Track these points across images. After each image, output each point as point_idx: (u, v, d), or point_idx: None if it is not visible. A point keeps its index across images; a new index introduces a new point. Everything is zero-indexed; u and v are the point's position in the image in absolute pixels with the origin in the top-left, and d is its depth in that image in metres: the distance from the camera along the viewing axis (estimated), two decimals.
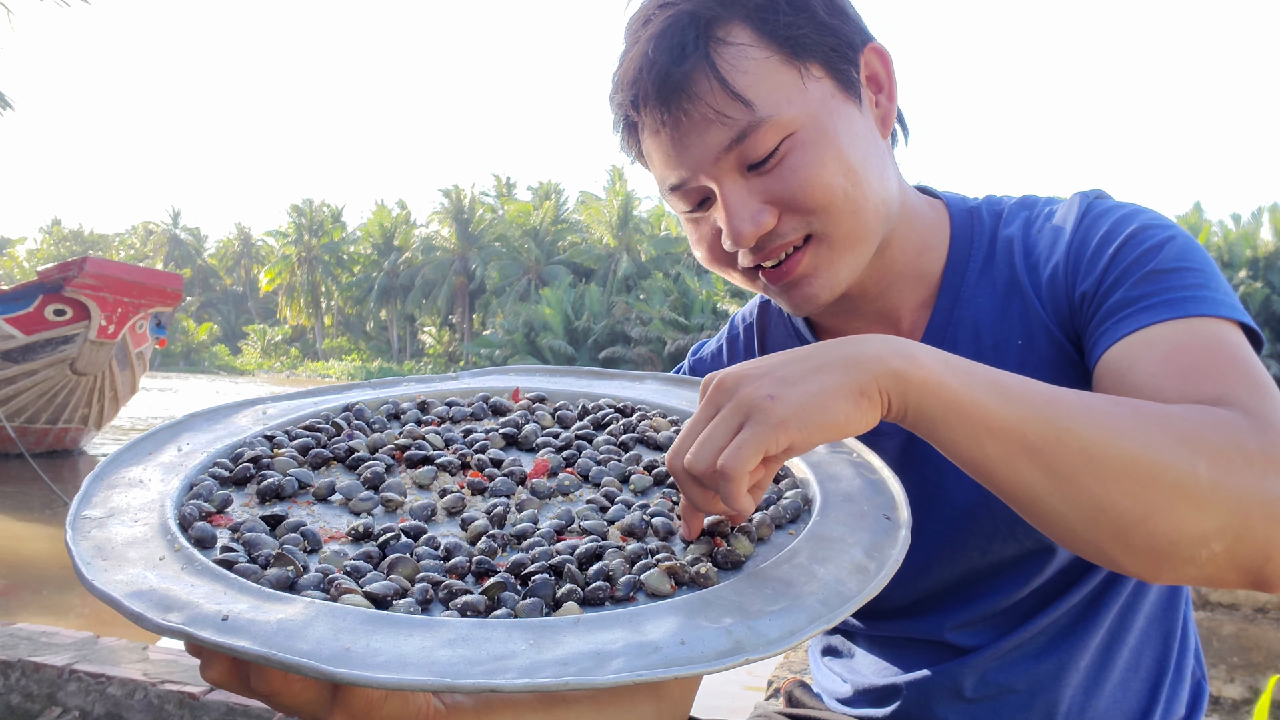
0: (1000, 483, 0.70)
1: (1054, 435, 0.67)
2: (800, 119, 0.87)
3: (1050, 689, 0.96)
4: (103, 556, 0.65)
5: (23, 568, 6.16)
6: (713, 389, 0.68)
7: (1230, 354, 0.78)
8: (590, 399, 0.99)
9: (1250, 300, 30.15)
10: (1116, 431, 0.67)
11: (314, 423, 0.91)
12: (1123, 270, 0.88)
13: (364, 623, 0.58)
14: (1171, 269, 0.86)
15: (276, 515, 0.72)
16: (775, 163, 0.88)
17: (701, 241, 0.96)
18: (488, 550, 0.69)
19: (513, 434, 0.90)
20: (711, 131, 0.87)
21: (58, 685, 2.45)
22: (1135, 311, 0.84)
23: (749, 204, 0.89)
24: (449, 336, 53.64)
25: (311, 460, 0.84)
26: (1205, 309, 0.82)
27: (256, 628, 0.56)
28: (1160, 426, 0.67)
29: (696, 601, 0.62)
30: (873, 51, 0.95)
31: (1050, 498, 0.68)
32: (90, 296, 10.00)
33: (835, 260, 0.92)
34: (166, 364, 60.05)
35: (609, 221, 45.15)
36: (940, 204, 1.04)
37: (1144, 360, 0.81)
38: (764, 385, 0.66)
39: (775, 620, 0.59)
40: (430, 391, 1.02)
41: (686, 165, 0.90)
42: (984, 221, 1.01)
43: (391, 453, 0.85)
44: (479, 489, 0.80)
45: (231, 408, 0.95)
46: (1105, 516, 0.66)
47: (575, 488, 0.81)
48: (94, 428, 11.78)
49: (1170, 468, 0.66)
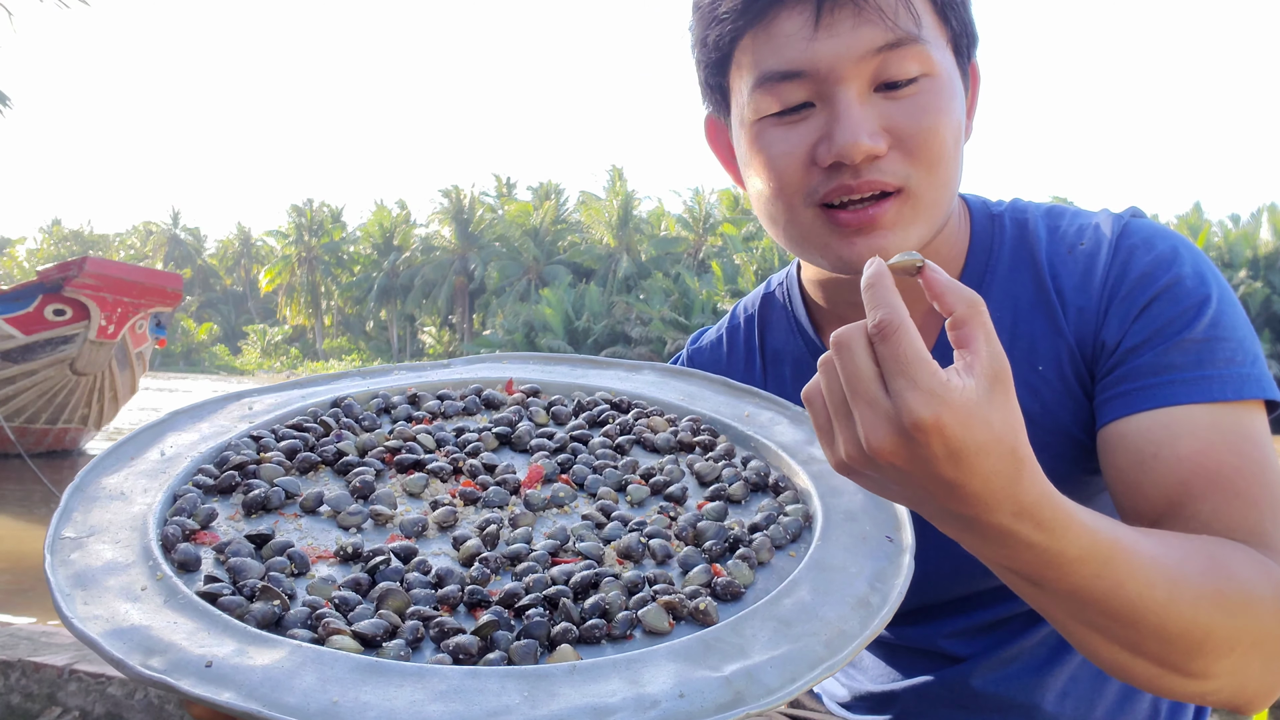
0: (1052, 619, 0.73)
1: (1127, 611, 0.67)
2: (941, 68, 0.86)
3: (1051, 700, 0.95)
4: (82, 587, 0.63)
5: (24, 567, 6.17)
6: None
7: (1258, 468, 0.80)
8: (586, 392, 0.97)
9: (1250, 300, 30.16)
10: (1176, 605, 0.68)
11: (301, 421, 0.88)
12: (1155, 331, 0.86)
13: (353, 671, 0.56)
14: (1205, 339, 0.84)
15: (263, 534, 0.70)
16: (907, 94, 0.84)
17: (784, 156, 0.87)
18: (480, 577, 0.67)
19: (506, 433, 0.88)
20: (868, 28, 0.82)
21: (58, 685, 2.45)
22: (1162, 385, 0.83)
23: (870, 118, 0.83)
24: (449, 336, 53.60)
25: (299, 465, 0.81)
26: (1232, 392, 0.82)
27: (241, 676, 0.54)
28: (1210, 600, 0.69)
29: (696, 645, 0.60)
30: (972, 68, 0.94)
31: (1089, 643, 0.72)
32: (90, 296, 10.00)
33: (916, 221, 0.87)
34: (166, 364, 60.00)
35: (609, 221, 45.10)
36: (963, 206, 1.01)
37: (1168, 453, 0.81)
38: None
39: (777, 668, 0.58)
40: (422, 383, 0.99)
41: (823, 54, 0.83)
42: (1005, 230, 0.98)
43: (381, 455, 0.83)
44: (471, 499, 0.78)
45: (216, 403, 0.92)
46: (1129, 668, 0.71)
47: (570, 499, 0.79)
48: (94, 428, 11.78)
49: (1211, 642, 0.69)
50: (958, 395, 0.56)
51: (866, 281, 0.60)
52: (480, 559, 0.68)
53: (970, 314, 0.59)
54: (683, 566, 0.70)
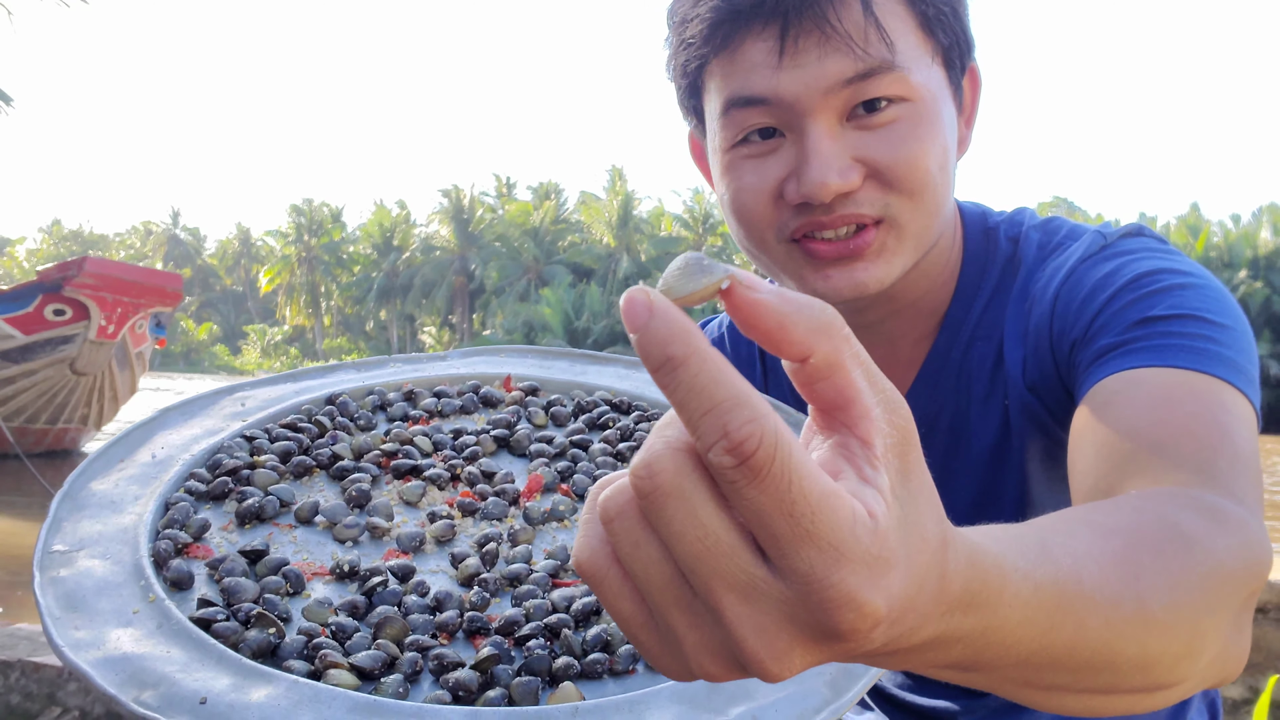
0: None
1: (1100, 653, 0.48)
2: (921, 91, 0.81)
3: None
4: (72, 609, 0.62)
5: (22, 568, 6.17)
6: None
7: (1212, 414, 0.68)
8: (585, 391, 0.95)
9: (1250, 300, 30.10)
10: (1148, 612, 0.50)
11: (296, 420, 0.86)
12: (1114, 314, 0.79)
13: (350, 712, 0.54)
14: (1175, 315, 0.76)
15: (257, 550, 0.69)
16: (882, 122, 0.80)
17: (752, 190, 0.84)
18: (479, 603, 0.66)
19: (504, 436, 0.86)
20: (837, 58, 0.78)
21: (58, 685, 2.45)
22: (1119, 355, 0.76)
23: (840, 154, 0.79)
24: (449, 336, 53.57)
25: (294, 469, 0.79)
26: (1195, 363, 0.72)
27: (236, 715, 0.53)
28: (1179, 585, 0.52)
29: (701, 686, 0.58)
30: (970, 73, 0.90)
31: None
32: (90, 296, 9.98)
33: (901, 251, 0.83)
34: (166, 364, 59.99)
35: (609, 221, 45.11)
36: (958, 219, 0.96)
37: (1124, 399, 0.72)
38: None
39: (782, 711, 0.56)
40: (418, 377, 0.96)
41: (788, 86, 0.79)
42: (999, 248, 0.94)
43: (378, 459, 0.81)
44: (470, 510, 0.77)
45: (208, 398, 0.89)
46: (1105, 708, 0.52)
47: (570, 512, 0.78)
48: (93, 428, 11.76)
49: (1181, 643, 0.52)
50: (892, 537, 0.32)
51: (645, 347, 0.32)
52: (479, 580, 0.68)
53: (836, 351, 0.33)
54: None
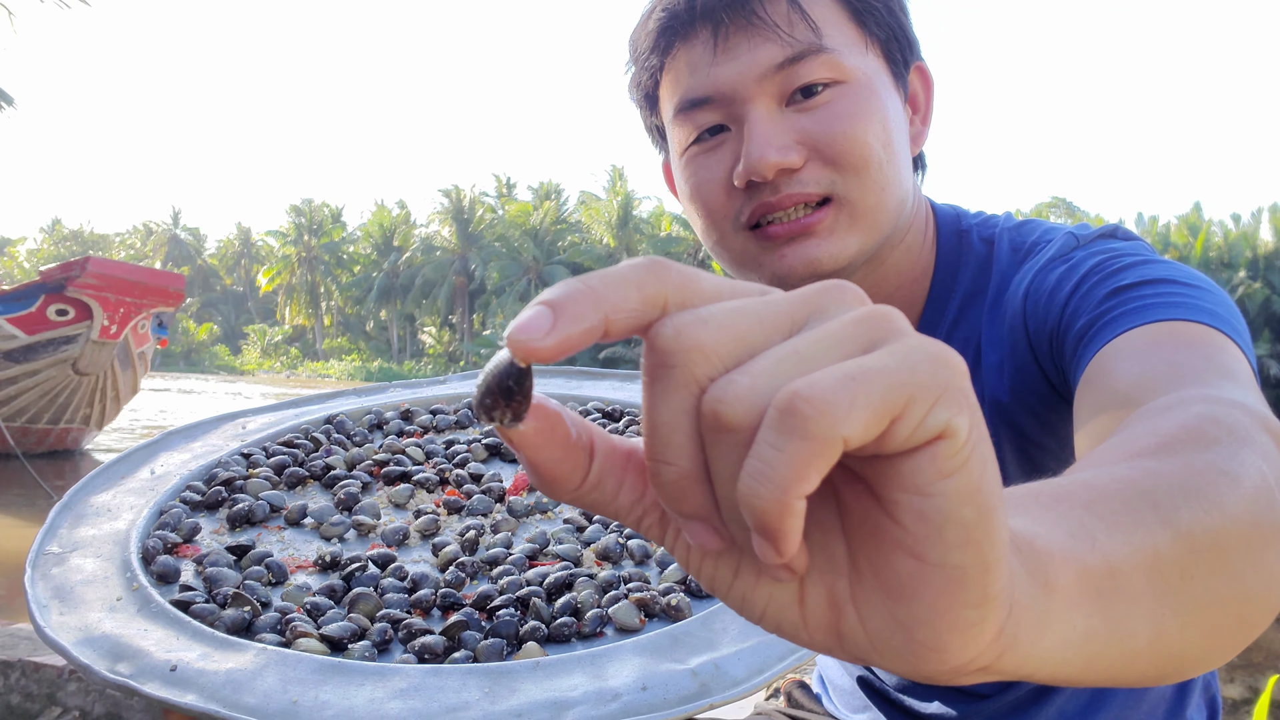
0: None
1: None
2: (856, 74, 0.83)
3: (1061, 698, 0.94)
4: (59, 599, 0.63)
5: (21, 567, 6.17)
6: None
7: (1221, 364, 0.64)
8: (579, 402, 0.98)
9: (1250, 300, 30.10)
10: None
11: (292, 438, 0.88)
12: (1083, 296, 0.78)
13: (314, 672, 0.55)
14: (1145, 280, 0.74)
15: (243, 545, 0.70)
16: (818, 104, 0.83)
17: (707, 184, 0.86)
18: (455, 581, 0.66)
19: (495, 444, 0.88)
20: (766, 46, 0.82)
21: (58, 685, 2.45)
22: (1100, 327, 0.73)
23: (780, 133, 0.82)
24: (449, 336, 53.59)
25: (287, 480, 0.81)
26: (1186, 314, 0.70)
27: (204, 679, 0.54)
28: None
29: (664, 639, 0.58)
30: (918, 71, 0.92)
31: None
32: (92, 296, 9.99)
33: (853, 229, 0.84)
34: (167, 364, 60.00)
35: (609, 221, 45.11)
36: (931, 218, 0.96)
37: (1110, 366, 0.68)
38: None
39: (744, 660, 0.56)
40: (416, 398, 0.99)
41: (724, 78, 0.83)
42: (973, 249, 0.93)
43: (369, 468, 0.83)
44: (455, 508, 0.78)
45: (210, 423, 0.93)
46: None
47: (554, 505, 0.79)
48: (95, 428, 11.77)
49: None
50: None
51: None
52: (457, 564, 0.68)
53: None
54: (660, 565, 0.70)
